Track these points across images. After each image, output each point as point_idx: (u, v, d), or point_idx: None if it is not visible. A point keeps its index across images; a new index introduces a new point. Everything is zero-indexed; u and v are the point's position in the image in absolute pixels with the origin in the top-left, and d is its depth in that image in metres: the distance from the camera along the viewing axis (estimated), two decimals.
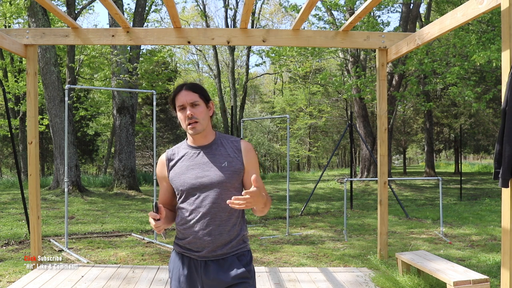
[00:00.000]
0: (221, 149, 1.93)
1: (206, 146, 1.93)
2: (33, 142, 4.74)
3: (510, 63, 2.86)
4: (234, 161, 1.89)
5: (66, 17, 4.41)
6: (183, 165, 1.92)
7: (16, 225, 7.45)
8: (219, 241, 1.86)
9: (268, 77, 37.88)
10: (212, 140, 1.95)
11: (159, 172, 2.01)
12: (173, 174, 1.93)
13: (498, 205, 9.98)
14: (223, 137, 1.99)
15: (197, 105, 1.88)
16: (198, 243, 1.86)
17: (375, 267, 4.85)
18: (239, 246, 1.92)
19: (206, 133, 1.94)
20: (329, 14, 16.00)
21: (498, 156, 2.88)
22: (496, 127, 21.47)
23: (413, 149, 44.37)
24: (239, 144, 1.95)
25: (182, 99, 1.88)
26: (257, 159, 1.98)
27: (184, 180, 1.88)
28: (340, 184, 16.62)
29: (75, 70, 15.78)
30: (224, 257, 1.88)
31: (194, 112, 1.87)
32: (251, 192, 1.66)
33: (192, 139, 1.96)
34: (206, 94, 1.94)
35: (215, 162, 1.89)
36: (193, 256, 1.89)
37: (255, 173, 1.92)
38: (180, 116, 1.91)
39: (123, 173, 13.19)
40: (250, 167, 1.92)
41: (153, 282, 4.23)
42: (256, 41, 4.77)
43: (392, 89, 15.43)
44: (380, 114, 5.08)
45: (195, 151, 1.94)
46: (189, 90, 1.90)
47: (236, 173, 1.88)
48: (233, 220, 1.90)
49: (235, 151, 1.92)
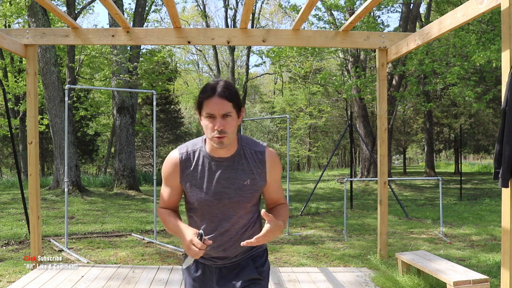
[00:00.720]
0: (243, 163, 1.74)
1: (228, 159, 1.73)
2: (33, 142, 4.74)
3: (510, 63, 2.86)
4: (257, 178, 1.74)
5: (66, 17, 4.41)
6: (201, 176, 1.73)
7: (16, 225, 7.45)
8: (234, 254, 1.80)
9: (268, 77, 37.89)
10: (235, 151, 1.74)
11: (169, 175, 1.77)
12: (188, 184, 1.75)
13: (498, 205, 9.97)
14: (247, 145, 1.77)
15: (229, 116, 1.63)
16: (213, 255, 1.80)
17: (375, 267, 4.85)
18: (257, 250, 1.86)
19: (231, 145, 1.72)
20: (329, 14, 16.00)
21: (498, 156, 2.88)
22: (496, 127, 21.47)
23: (413, 149, 44.38)
24: (264, 156, 1.76)
25: (213, 108, 1.61)
26: (281, 168, 1.83)
27: (201, 196, 1.72)
28: (340, 184, 16.62)
29: (75, 70, 15.78)
30: (239, 261, 1.82)
31: (225, 125, 1.61)
32: (264, 234, 1.59)
33: (213, 150, 1.73)
34: (239, 101, 1.68)
35: (237, 178, 1.72)
36: (207, 263, 1.83)
37: (277, 186, 1.82)
38: (207, 124, 1.64)
39: (123, 173, 13.20)
40: (272, 181, 1.80)
41: (153, 282, 4.23)
42: (256, 41, 4.77)
43: (392, 89, 15.43)
44: (380, 114, 5.08)
45: (215, 163, 1.73)
46: (223, 98, 1.61)
47: (257, 191, 1.77)
48: (248, 234, 1.79)
49: (259, 165, 1.75)
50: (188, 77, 37.99)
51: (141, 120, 22.78)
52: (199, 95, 1.67)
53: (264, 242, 1.61)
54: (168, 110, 26.18)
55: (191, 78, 38.22)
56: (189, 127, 30.95)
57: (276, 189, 1.83)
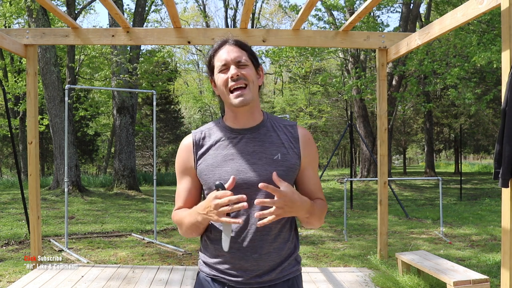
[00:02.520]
0: (272, 135, 1.41)
1: (252, 129, 1.41)
2: (33, 142, 4.74)
3: (510, 63, 2.86)
4: (289, 154, 1.40)
5: (66, 17, 4.41)
6: (219, 153, 1.39)
7: (16, 225, 7.45)
8: (267, 262, 1.37)
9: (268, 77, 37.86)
10: (260, 121, 1.44)
11: (182, 162, 1.45)
12: (203, 166, 1.40)
13: (498, 205, 9.97)
14: (274, 119, 1.47)
15: (246, 65, 1.38)
16: (238, 265, 1.37)
17: (375, 267, 4.85)
18: (291, 269, 1.43)
19: (254, 108, 1.42)
20: (329, 14, 16.00)
21: (498, 156, 2.88)
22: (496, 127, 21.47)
23: (413, 149, 44.37)
24: (296, 131, 1.44)
25: (226, 55, 1.38)
26: (317, 152, 1.49)
27: (220, 175, 1.36)
28: (340, 184, 16.62)
29: (75, 70, 15.78)
30: (271, 285, 1.39)
31: (241, 72, 1.36)
32: (280, 192, 1.22)
33: (233, 118, 1.42)
34: (255, 55, 1.43)
35: (265, 152, 1.38)
36: (230, 282, 1.39)
37: (313, 174, 1.47)
38: (221, 80, 1.38)
39: (123, 173, 13.20)
40: (307, 163, 1.43)
41: (153, 282, 4.23)
42: (256, 41, 4.77)
43: (392, 89, 15.43)
44: (380, 114, 5.08)
45: (236, 135, 1.41)
46: (235, 45, 1.40)
47: (291, 170, 1.39)
48: (285, 234, 1.41)
49: (291, 140, 1.42)
50: (188, 77, 38.00)
51: (141, 120, 22.79)
52: (209, 53, 1.45)
53: (282, 206, 1.22)
54: (168, 110, 26.20)
55: (191, 78, 38.23)
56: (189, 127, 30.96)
57: (313, 178, 1.46)
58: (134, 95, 13.80)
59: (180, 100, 32.57)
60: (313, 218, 1.37)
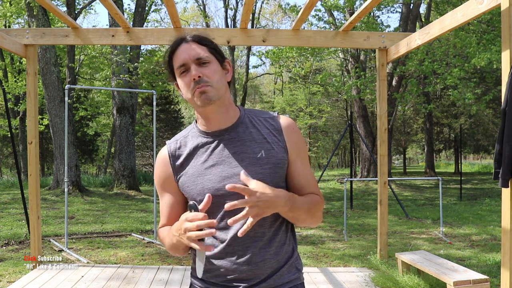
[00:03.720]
0: (252, 131, 1.29)
1: (230, 129, 1.29)
2: (33, 142, 4.74)
3: (510, 63, 2.86)
4: (274, 148, 1.26)
5: (66, 17, 4.41)
6: (198, 162, 1.28)
7: (16, 225, 7.45)
8: (263, 270, 1.25)
9: (268, 77, 37.89)
10: (237, 119, 1.30)
11: (160, 177, 1.35)
12: (184, 178, 1.29)
13: (498, 205, 9.97)
14: (252, 113, 1.33)
15: (206, 62, 1.25)
16: (233, 276, 1.25)
17: (375, 267, 4.85)
18: (291, 276, 1.33)
19: (226, 106, 1.29)
20: (329, 14, 16.01)
21: (498, 156, 2.88)
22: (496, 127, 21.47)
23: (413, 149, 44.38)
24: (278, 122, 1.30)
25: (184, 55, 1.25)
26: (304, 141, 1.35)
27: (203, 185, 1.25)
28: (340, 184, 16.62)
29: (75, 70, 15.78)
30: None
31: (203, 72, 1.23)
32: (250, 190, 1.09)
33: (206, 120, 1.29)
34: (218, 48, 1.32)
35: (247, 152, 1.25)
36: None
37: (303, 162, 1.31)
38: (184, 83, 1.25)
39: (123, 173, 13.20)
40: (295, 156, 1.29)
41: (153, 282, 4.23)
42: (256, 41, 4.77)
43: (392, 90, 15.43)
44: (380, 114, 5.08)
45: (213, 138, 1.29)
46: (193, 42, 1.29)
47: (279, 166, 1.26)
48: (281, 237, 1.28)
49: (273, 133, 1.29)
50: None
51: (141, 120, 22.78)
52: (166, 53, 1.32)
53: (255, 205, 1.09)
54: (168, 110, 26.19)
55: None
56: None
57: (303, 169, 1.31)
58: (134, 95, 13.80)
59: (180, 100, 32.55)
60: (299, 213, 1.22)
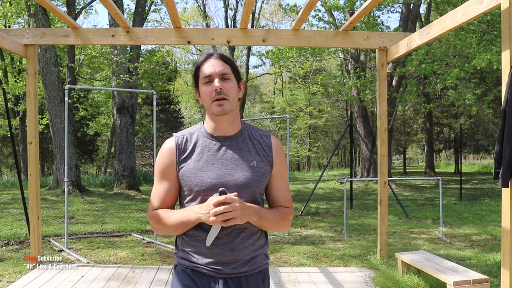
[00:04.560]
0: (249, 143, 1.57)
1: (231, 138, 1.56)
2: (33, 142, 4.74)
3: (510, 63, 2.86)
4: (263, 161, 1.55)
5: (66, 17, 4.41)
6: (201, 158, 1.53)
7: (16, 225, 7.45)
8: (243, 256, 1.52)
9: (268, 77, 37.90)
10: (239, 130, 1.58)
11: (164, 164, 1.56)
12: (186, 169, 1.52)
13: (498, 205, 9.98)
14: (251, 128, 1.62)
15: (228, 79, 1.52)
16: (217, 259, 1.51)
17: (375, 267, 4.85)
18: (262, 262, 1.60)
19: (234, 118, 1.56)
20: (329, 15, 16.00)
21: (498, 156, 2.88)
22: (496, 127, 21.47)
23: (413, 149, 44.38)
24: (270, 141, 1.60)
25: (211, 69, 1.51)
26: (286, 164, 1.67)
27: (202, 179, 1.49)
28: (340, 184, 16.62)
29: (75, 70, 15.78)
30: (246, 275, 1.54)
31: (224, 86, 1.50)
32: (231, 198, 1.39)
33: (214, 126, 1.56)
34: (238, 70, 1.58)
35: (243, 159, 1.53)
36: (210, 273, 1.52)
37: (283, 179, 1.61)
38: (205, 90, 1.52)
39: (123, 173, 13.20)
40: (277, 171, 1.59)
41: (153, 282, 4.23)
42: (256, 41, 4.77)
43: (392, 90, 15.43)
44: (380, 114, 5.08)
45: (216, 142, 1.55)
46: (220, 59, 1.53)
47: (265, 176, 1.55)
48: (258, 233, 1.57)
49: (265, 149, 1.58)
50: (188, 77, 37.95)
51: (141, 120, 22.78)
52: (196, 64, 1.59)
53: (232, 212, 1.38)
54: (168, 110, 26.18)
55: (191, 78, 38.21)
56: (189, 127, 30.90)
57: (282, 185, 1.61)
58: (134, 95, 13.80)
59: (180, 100, 32.58)
60: (265, 223, 1.52)
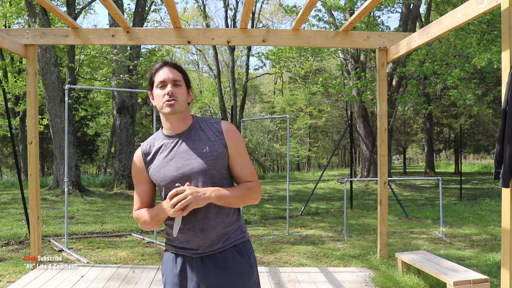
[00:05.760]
0: (200, 133, 1.76)
1: (184, 133, 1.77)
2: (33, 142, 4.74)
3: (510, 63, 2.86)
4: (216, 145, 1.73)
5: (66, 17, 4.40)
6: (162, 157, 1.75)
7: (16, 225, 7.45)
8: (214, 235, 1.71)
9: (268, 77, 37.88)
10: (190, 124, 1.79)
11: (135, 170, 1.82)
12: (152, 169, 1.77)
13: (498, 205, 9.98)
14: (202, 120, 1.82)
15: (179, 85, 1.74)
16: (192, 242, 1.72)
17: (375, 267, 4.85)
18: (237, 237, 1.77)
19: (184, 116, 1.77)
20: (329, 15, 16.00)
21: (499, 156, 2.88)
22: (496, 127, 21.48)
23: (413, 149, 44.38)
24: (220, 126, 1.78)
25: (165, 75, 1.73)
26: (243, 141, 1.80)
27: (165, 174, 1.72)
28: (340, 184, 16.62)
29: (75, 70, 15.78)
30: (221, 251, 1.73)
31: (175, 91, 1.71)
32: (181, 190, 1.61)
33: (169, 127, 1.78)
34: (188, 78, 1.82)
35: (196, 148, 1.72)
36: (187, 254, 1.75)
37: (241, 156, 1.77)
38: (158, 94, 1.74)
39: (123, 173, 13.20)
40: (234, 151, 1.75)
41: (153, 282, 4.23)
42: (256, 41, 4.77)
43: (392, 90, 15.42)
44: (380, 114, 5.08)
45: (173, 140, 1.77)
46: (173, 68, 1.76)
47: (220, 158, 1.72)
48: (226, 210, 1.75)
49: (216, 134, 1.75)
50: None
51: (141, 120, 22.78)
52: (151, 72, 1.79)
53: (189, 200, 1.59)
54: None
55: (191, 78, 38.07)
56: None
57: (241, 162, 1.77)
58: (134, 95, 13.80)
59: None
60: (228, 200, 1.68)
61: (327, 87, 14.96)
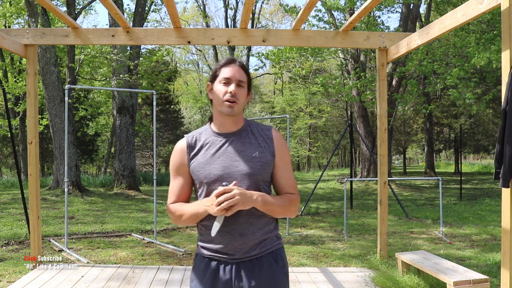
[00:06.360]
0: (251, 137, 1.73)
1: (235, 133, 1.73)
2: (33, 142, 4.74)
3: (510, 63, 2.86)
4: (265, 152, 1.70)
5: (66, 17, 4.40)
6: (208, 153, 1.70)
7: (16, 225, 7.45)
8: (253, 240, 1.66)
9: (268, 77, 37.90)
10: (241, 126, 1.75)
11: (177, 161, 1.74)
12: (195, 164, 1.70)
13: (498, 205, 9.97)
14: (253, 124, 1.80)
15: (242, 86, 1.70)
16: (230, 245, 1.65)
17: (375, 267, 4.85)
18: (273, 243, 1.73)
19: (238, 118, 1.74)
20: (329, 15, 16.00)
21: (499, 156, 2.88)
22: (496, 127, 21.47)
23: (413, 149, 44.37)
24: (271, 133, 1.76)
25: (232, 73, 1.69)
26: (289, 152, 1.79)
27: (210, 171, 1.66)
28: (340, 184, 16.62)
29: (75, 70, 15.78)
30: (258, 257, 1.68)
31: (238, 91, 1.68)
32: (231, 189, 1.54)
33: (220, 124, 1.74)
34: (251, 81, 1.79)
35: (245, 151, 1.69)
36: (222, 259, 1.68)
37: (286, 167, 1.75)
38: (220, 89, 1.69)
39: (123, 173, 13.19)
40: (280, 160, 1.73)
41: (153, 282, 4.23)
42: (256, 41, 4.77)
43: (392, 90, 15.42)
44: (380, 114, 5.08)
45: (222, 138, 1.72)
46: (241, 68, 1.72)
47: (267, 165, 1.69)
48: (267, 217, 1.71)
49: (266, 140, 1.73)
50: (188, 77, 38.00)
51: (141, 120, 22.77)
52: (217, 65, 1.75)
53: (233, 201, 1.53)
54: (168, 110, 26.18)
55: (191, 78, 38.23)
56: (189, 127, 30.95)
57: (285, 173, 1.74)
58: (134, 95, 13.80)
59: (180, 100, 32.58)
60: (271, 208, 1.65)
61: (327, 87, 14.95)
